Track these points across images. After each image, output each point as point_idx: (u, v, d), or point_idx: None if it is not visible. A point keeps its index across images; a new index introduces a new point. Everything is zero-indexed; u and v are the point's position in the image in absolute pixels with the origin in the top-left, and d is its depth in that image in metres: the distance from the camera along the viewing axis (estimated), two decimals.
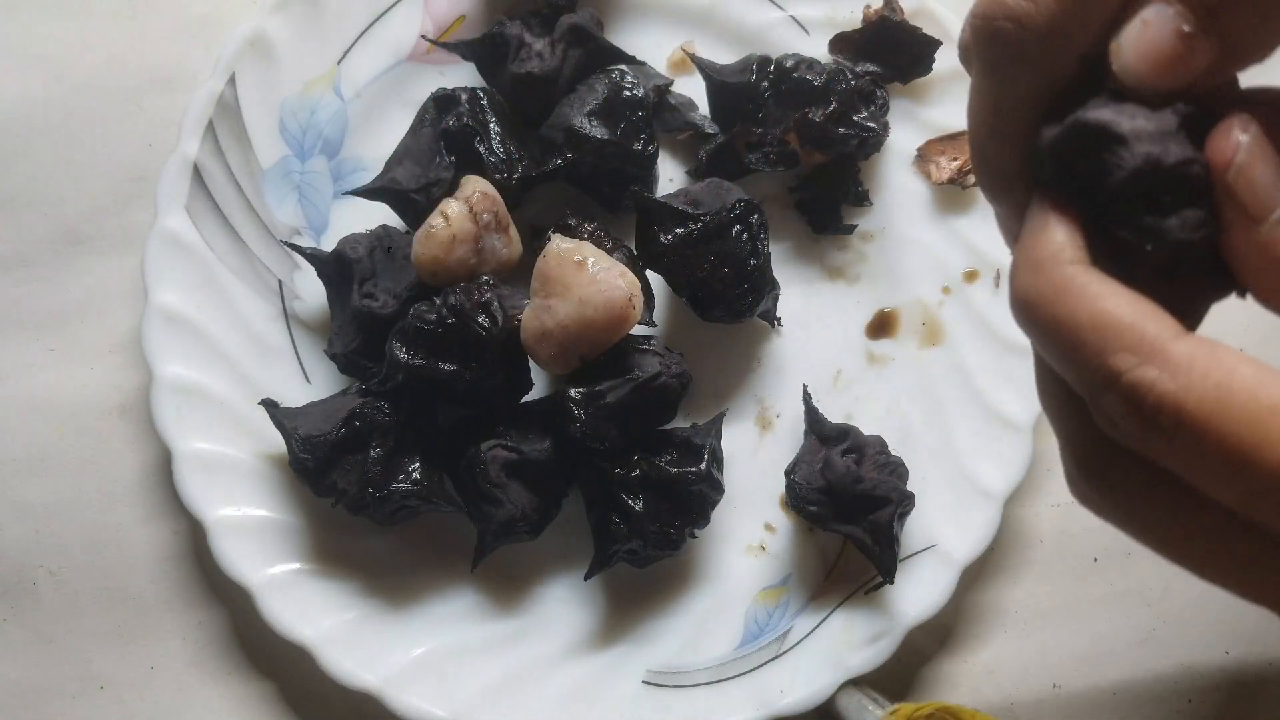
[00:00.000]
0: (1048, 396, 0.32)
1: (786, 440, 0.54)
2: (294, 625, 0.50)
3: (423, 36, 0.56)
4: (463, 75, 0.56)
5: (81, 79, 0.57)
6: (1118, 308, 0.28)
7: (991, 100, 0.31)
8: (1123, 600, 0.53)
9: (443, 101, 0.52)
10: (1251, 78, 0.30)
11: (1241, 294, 0.31)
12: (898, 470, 0.50)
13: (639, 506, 0.49)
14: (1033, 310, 0.29)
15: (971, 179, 0.54)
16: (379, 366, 0.50)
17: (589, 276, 0.47)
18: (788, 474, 0.51)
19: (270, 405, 0.50)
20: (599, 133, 0.52)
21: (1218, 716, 0.52)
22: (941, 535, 0.51)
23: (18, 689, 0.53)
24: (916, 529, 0.51)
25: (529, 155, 0.53)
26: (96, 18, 0.58)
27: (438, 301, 0.48)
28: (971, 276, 0.54)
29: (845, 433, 0.51)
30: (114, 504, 0.54)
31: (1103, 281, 0.28)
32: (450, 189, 0.51)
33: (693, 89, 0.56)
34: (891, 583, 0.50)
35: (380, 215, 0.53)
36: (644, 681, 0.51)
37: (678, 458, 0.49)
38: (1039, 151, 0.30)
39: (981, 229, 0.54)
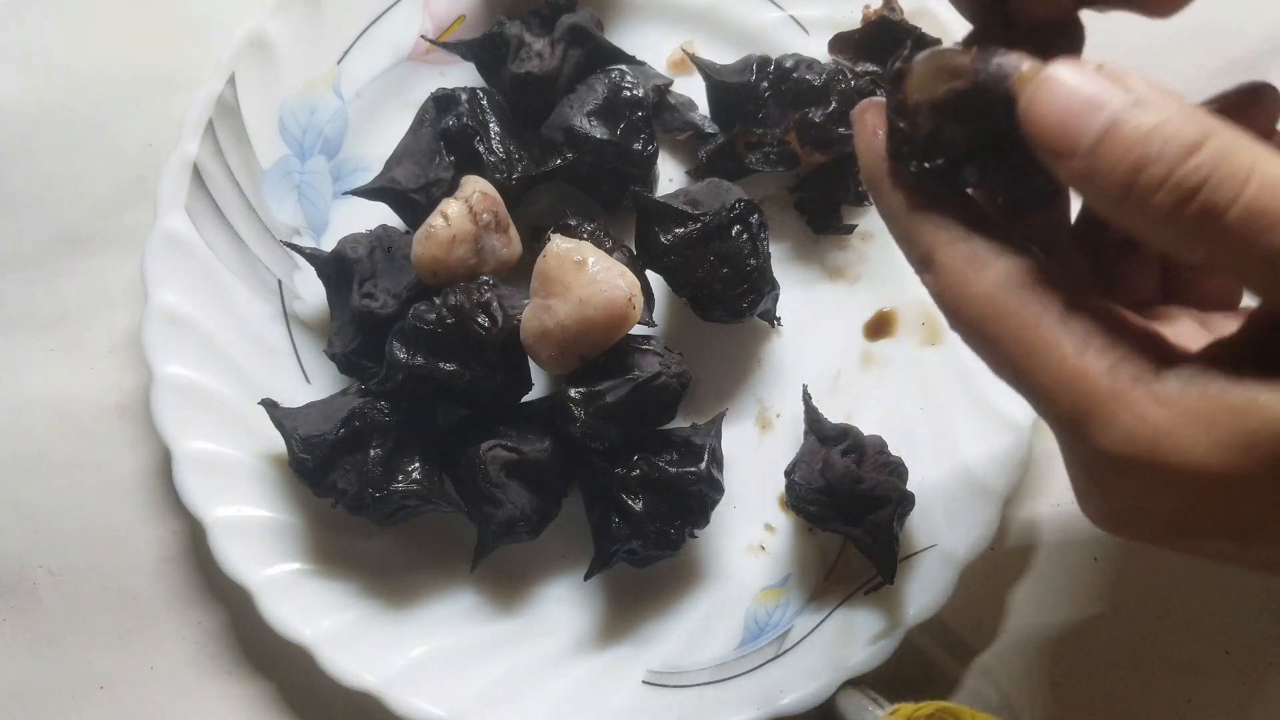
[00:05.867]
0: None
1: (786, 440, 0.54)
2: (294, 625, 0.50)
3: (423, 36, 0.56)
4: (463, 75, 0.56)
5: (81, 79, 0.57)
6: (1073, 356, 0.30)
7: None
8: (1122, 600, 0.53)
9: (443, 101, 0.52)
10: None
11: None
12: (898, 470, 0.50)
13: (639, 506, 0.49)
14: (988, 344, 0.32)
15: None
16: (379, 366, 0.50)
17: (589, 276, 0.47)
18: (787, 474, 0.51)
19: (270, 405, 0.50)
20: (599, 133, 0.52)
21: (1218, 716, 0.52)
22: (941, 535, 0.51)
23: (18, 689, 0.53)
24: (916, 529, 0.51)
25: (529, 155, 0.53)
26: (96, 18, 0.58)
27: (438, 301, 0.48)
28: None
29: (845, 433, 0.51)
30: (114, 504, 0.54)
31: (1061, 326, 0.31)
32: (450, 189, 0.51)
33: (693, 89, 0.56)
34: (891, 583, 0.50)
35: (380, 215, 0.53)
36: (644, 681, 0.51)
37: (678, 458, 0.49)
38: None
39: None
